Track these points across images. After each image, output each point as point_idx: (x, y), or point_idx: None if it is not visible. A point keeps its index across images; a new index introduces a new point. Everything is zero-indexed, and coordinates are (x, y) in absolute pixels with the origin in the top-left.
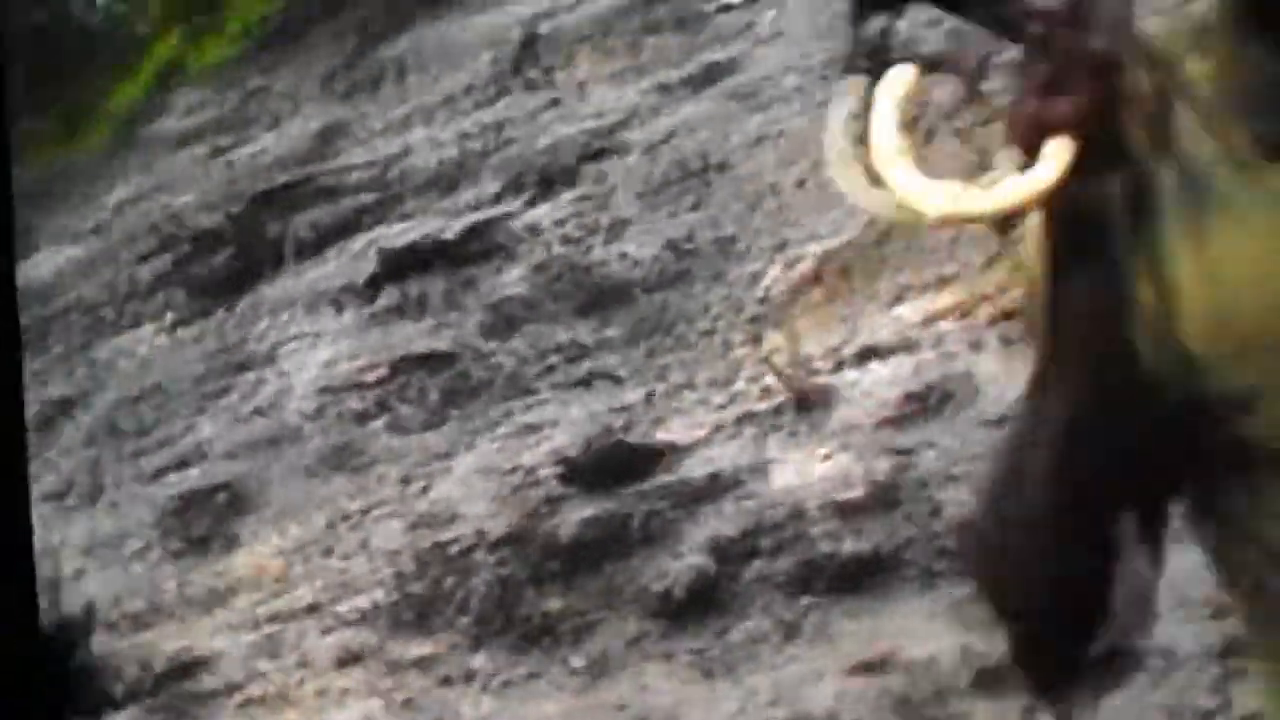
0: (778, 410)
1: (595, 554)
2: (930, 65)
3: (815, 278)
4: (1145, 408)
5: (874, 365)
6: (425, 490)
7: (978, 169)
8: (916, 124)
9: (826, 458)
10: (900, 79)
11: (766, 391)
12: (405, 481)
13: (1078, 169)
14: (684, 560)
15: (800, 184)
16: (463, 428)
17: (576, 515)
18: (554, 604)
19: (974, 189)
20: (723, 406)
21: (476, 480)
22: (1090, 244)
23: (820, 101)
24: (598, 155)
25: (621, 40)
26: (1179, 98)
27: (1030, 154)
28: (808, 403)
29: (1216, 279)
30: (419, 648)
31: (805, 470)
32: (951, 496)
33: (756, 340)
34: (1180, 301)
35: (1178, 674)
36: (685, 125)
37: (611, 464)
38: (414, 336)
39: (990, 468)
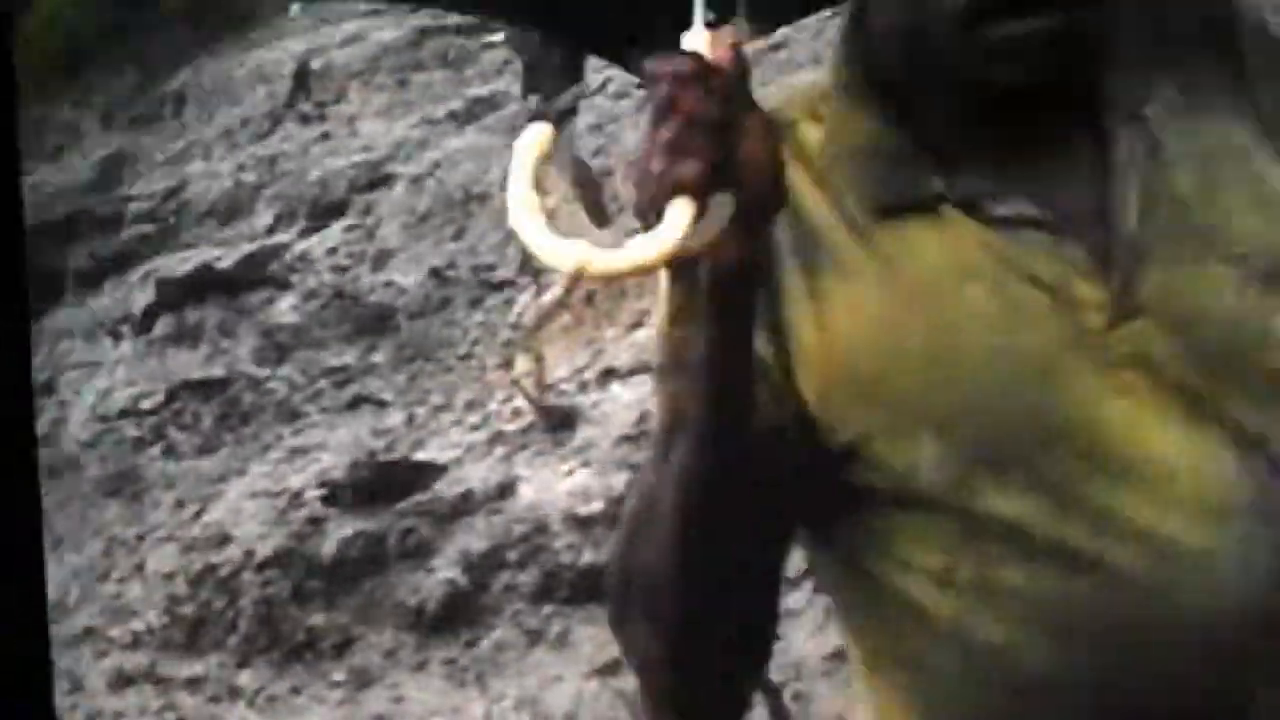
0: (526, 430)
1: (355, 571)
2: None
3: (563, 305)
4: (770, 456)
5: (614, 386)
6: (199, 515)
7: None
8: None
9: (569, 474)
10: (535, 136)
11: (517, 413)
12: (180, 506)
13: (711, 228)
14: (437, 575)
15: (552, 215)
16: (235, 453)
17: (338, 534)
18: (317, 620)
19: (599, 249)
20: (476, 427)
21: (247, 504)
22: (715, 300)
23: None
24: (367, 187)
25: (390, 77)
26: (795, 160)
27: (654, 213)
28: (554, 422)
29: (831, 335)
30: (189, 668)
31: (550, 486)
32: None
33: (509, 364)
34: (799, 356)
35: None
36: (449, 159)
37: (373, 484)
38: (190, 364)
39: (626, 513)
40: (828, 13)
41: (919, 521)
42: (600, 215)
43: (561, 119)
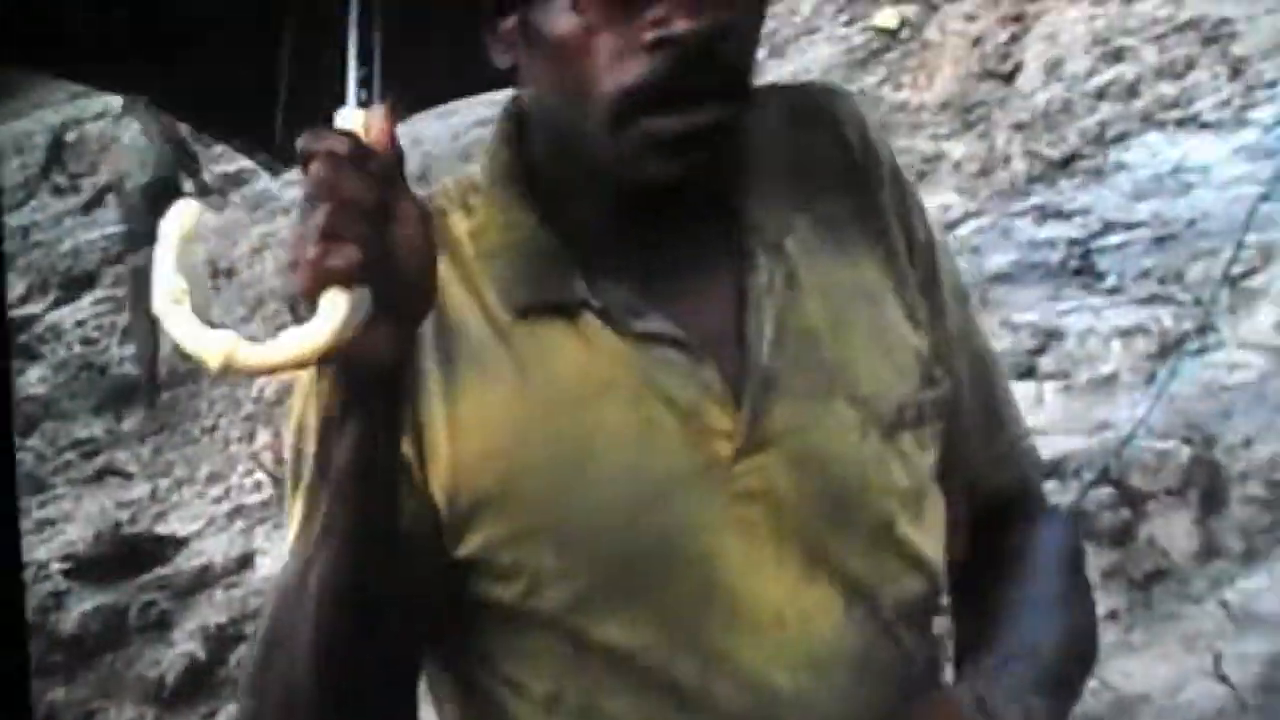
0: (266, 503)
1: (96, 645)
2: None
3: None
4: (411, 565)
5: None
6: None
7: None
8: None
9: None
10: (182, 215)
11: (258, 485)
12: None
13: (359, 322)
14: (176, 648)
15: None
16: None
17: (80, 608)
18: (58, 694)
19: (246, 342)
20: (218, 500)
21: None
22: (363, 399)
23: None
24: (117, 259)
25: None
26: (442, 251)
27: (307, 304)
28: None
29: (463, 436)
30: None
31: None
32: None
33: (251, 437)
34: (431, 456)
35: None
36: (196, 234)
37: (115, 557)
38: None
39: (260, 627)
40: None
41: (533, 642)
42: None
43: None
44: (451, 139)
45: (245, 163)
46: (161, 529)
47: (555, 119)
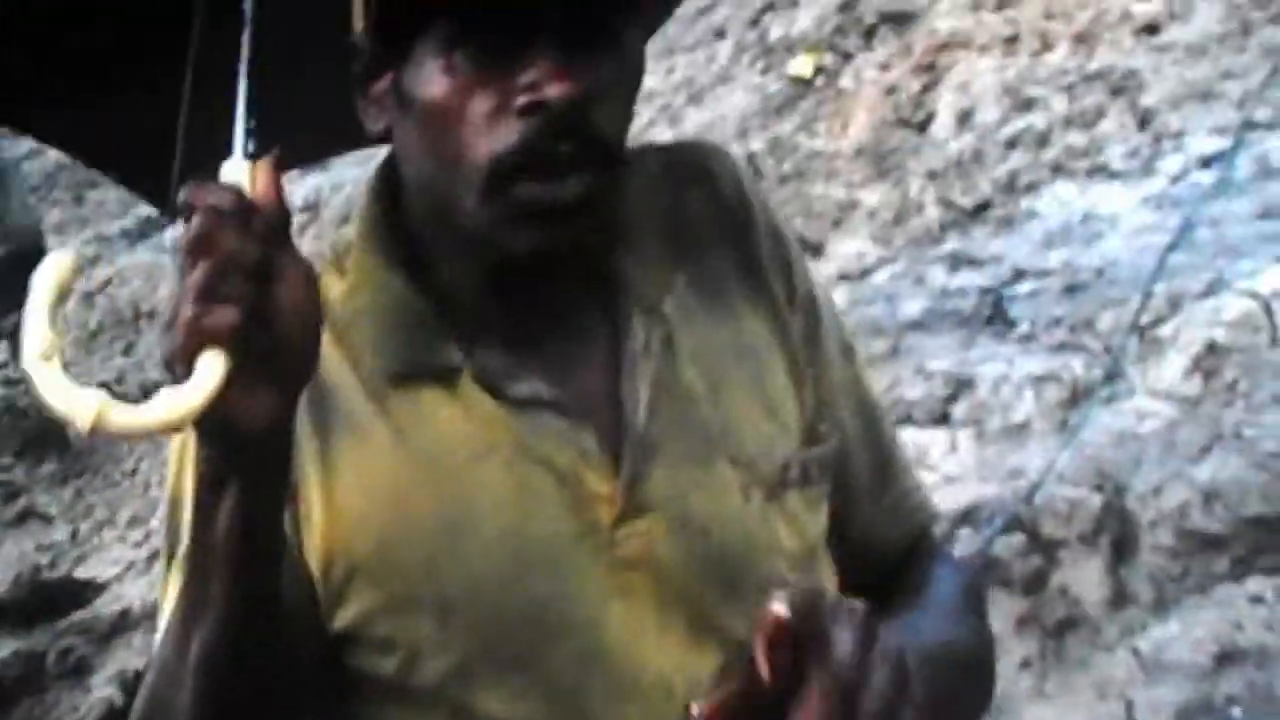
0: None
1: (14, 690)
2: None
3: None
4: (286, 637)
5: None
6: None
7: None
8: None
9: None
10: (55, 268)
11: None
12: None
13: (233, 385)
14: (95, 693)
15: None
16: None
17: None
18: None
19: (119, 403)
20: (139, 544)
21: None
22: (239, 466)
23: None
24: None
25: (66, 193)
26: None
27: (184, 365)
28: None
29: (338, 503)
30: None
31: None
32: None
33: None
34: (306, 524)
35: None
36: (120, 275)
37: (35, 602)
38: None
39: (140, 698)
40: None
41: (415, 715)
42: None
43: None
44: None
45: None
46: (81, 573)
47: (428, 183)
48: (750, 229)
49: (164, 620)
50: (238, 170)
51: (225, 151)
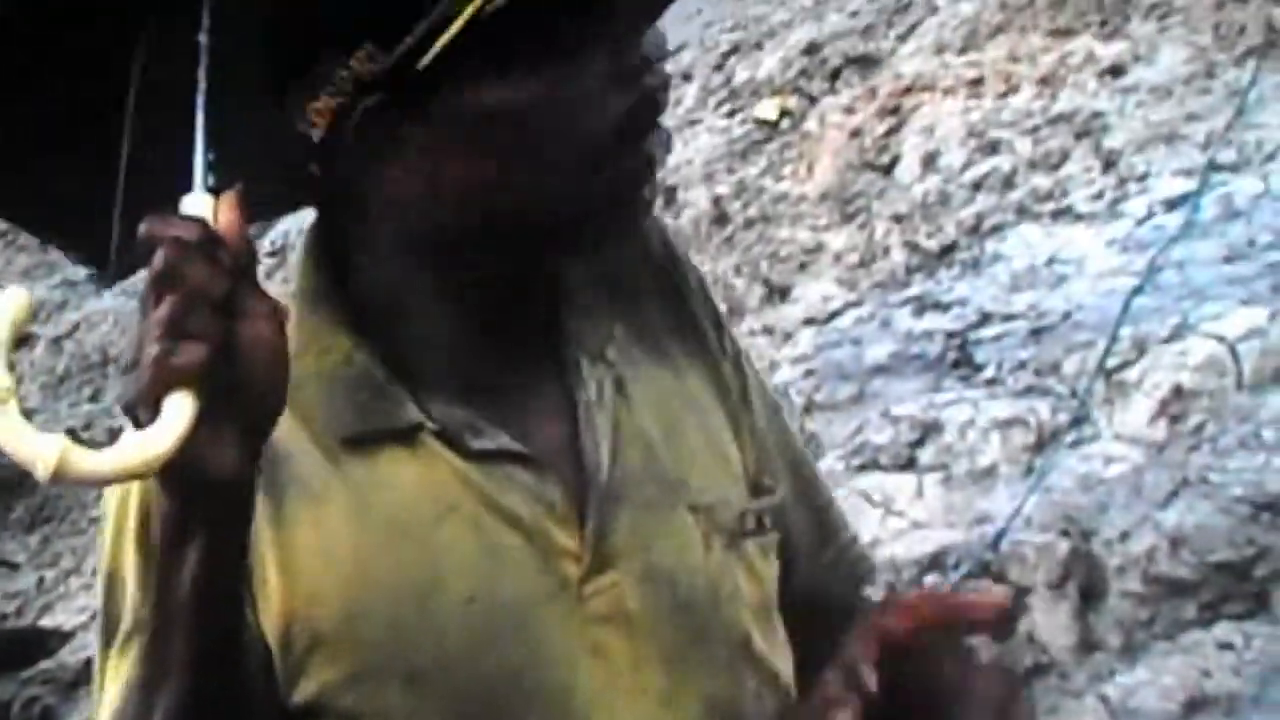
0: None
1: None
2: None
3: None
4: (246, 707)
5: None
6: None
7: None
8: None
9: None
10: (9, 304)
11: None
12: None
13: (200, 427)
14: None
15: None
16: None
17: None
18: None
19: (81, 448)
20: None
21: None
22: (202, 518)
23: None
24: None
25: (32, 239)
26: None
27: (149, 408)
28: None
29: (295, 569)
30: None
31: None
32: None
33: None
34: (260, 593)
35: None
36: (88, 320)
37: (1, 651)
38: None
39: None
40: None
41: None
42: None
43: None
44: None
45: None
46: (48, 621)
47: (422, 221)
48: (683, 286)
49: (104, 713)
50: (199, 204)
51: (169, 205)
